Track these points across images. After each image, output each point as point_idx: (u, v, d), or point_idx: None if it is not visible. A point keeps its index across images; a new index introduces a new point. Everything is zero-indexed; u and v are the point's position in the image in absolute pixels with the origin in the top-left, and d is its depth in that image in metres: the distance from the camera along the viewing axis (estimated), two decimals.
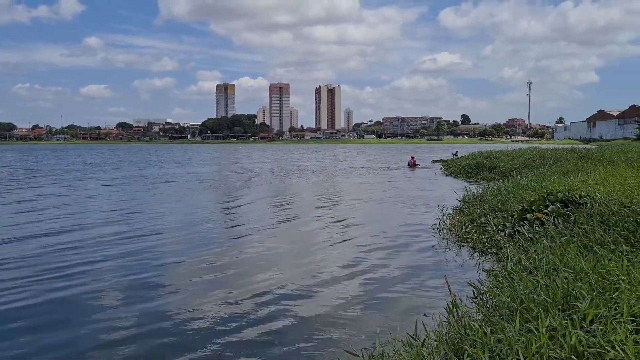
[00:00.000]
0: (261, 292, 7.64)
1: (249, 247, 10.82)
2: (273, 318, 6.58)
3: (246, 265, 9.24)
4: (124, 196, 21.05)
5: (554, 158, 24.59)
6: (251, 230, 12.73)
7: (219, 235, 12.18)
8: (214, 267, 9.12)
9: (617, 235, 7.08)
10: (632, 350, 3.48)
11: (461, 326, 4.70)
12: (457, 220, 12.11)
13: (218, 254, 10.15)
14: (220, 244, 11.03)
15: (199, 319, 6.52)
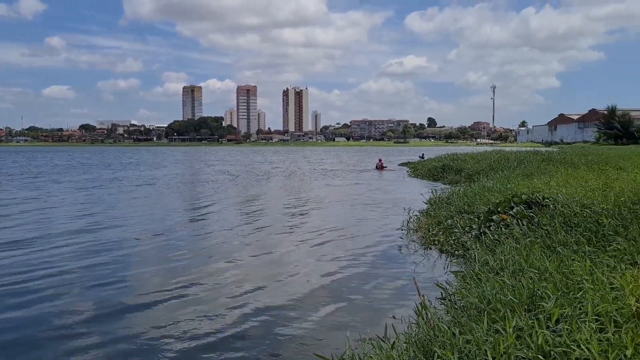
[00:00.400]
0: (228, 296, 7.54)
1: (216, 252, 10.65)
2: (240, 323, 6.49)
3: (213, 271, 9.09)
4: (89, 200, 20.55)
5: (518, 160, 25.10)
6: (219, 235, 12.58)
7: (187, 240, 11.98)
8: (181, 272, 8.94)
9: (579, 236, 7.25)
10: (597, 349, 3.55)
11: (430, 328, 4.73)
12: (425, 222, 12.22)
13: (185, 259, 9.99)
14: (188, 250, 10.82)
15: (165, 325, 6.38)
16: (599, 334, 3.80)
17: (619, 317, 4.04)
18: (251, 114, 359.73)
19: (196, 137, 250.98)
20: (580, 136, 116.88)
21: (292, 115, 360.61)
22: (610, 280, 4.87)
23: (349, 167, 46.11)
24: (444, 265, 8.92)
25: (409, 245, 10.82)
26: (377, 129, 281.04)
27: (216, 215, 16.03)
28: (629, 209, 7.83)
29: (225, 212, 16.62)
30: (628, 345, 3.57)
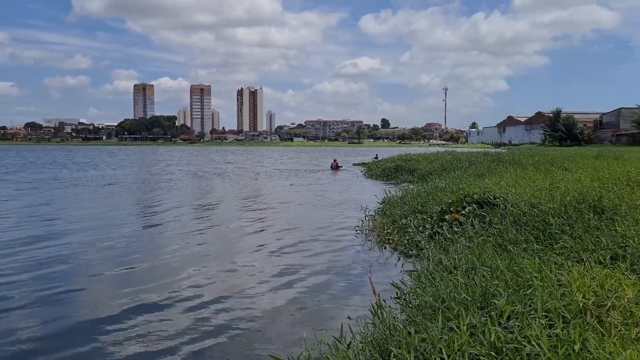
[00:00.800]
0: (182, 299, 7.39)
1: (169, 254, 10.38)
2: (194, 326, 6.37)
3: (166, 274, 8.87)
4: (38, 200, 19.78)
5: (469, 161, 25.68)
6: (172, 237, 12.32)
7: (139, 242, 11.68)
8: (133, 275, 8.72)
9: (528, 235, 7.47)
10: (546, 344, 3.66)
11: (386, 327, 4.76)
12: (379, 221, 12.33)
13: (137, 261, 9.74)
14: (140, 252, 10.55)
15: (118, 330, 6.20)
16: (549, 330, 3.92)
17: (567, 313, 4.18)
18: (205, 113, 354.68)
19: (148, 136, 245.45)
20: (528, 138, 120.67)
21: (247, 115, 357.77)
22: (558, 277, 5.03)
23: (304, 167, 46.11)
24: (399, 264, 9.01)
25: (364, 244, 10.89)
26: (331, 130, 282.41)
27: (172, 217, 15.68)
28: (574, 208, 8.12)
29: (181, 214, 16.30)
30: (576, 340, 3.69)
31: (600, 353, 3.49)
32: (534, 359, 3.60)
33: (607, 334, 3.84)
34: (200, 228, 13.45)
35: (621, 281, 4.65)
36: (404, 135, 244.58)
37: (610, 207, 7.89)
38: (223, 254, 10.50)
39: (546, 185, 11.25)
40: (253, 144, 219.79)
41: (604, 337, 3.80)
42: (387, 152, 67.98)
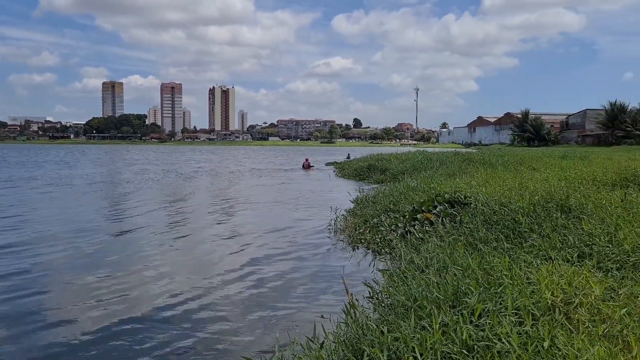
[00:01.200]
0: (151, 301, 7.27)
1: (139, 256, 10.18)
2: (166, 327, 6.28)
3: (136, 276, 8.70)
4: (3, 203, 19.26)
5: (440, 161, 25.95)
6: (143, 238, 12.07)
7: (108, 244, 11.45)
8: (101, 279, 8.51)
9: (498, 233, 7.58)
10: (516, 341, 3.71)
11: (359, 326, 4.77)
12: (351, 221, 12.36)
13: (107, 264, 9.54)
14: (109, 254, 10.30)
15: (85, 333, 6.08)
16: (519, 327, 3.98)
17: (536, 310, 4.25)
18: (176, 112, 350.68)
19: (117, 135, 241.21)
20: (497, 138, 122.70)
21: (219, 114, 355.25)
22: (527, 275, 5.11)
23: (277, 167, 45.98)
24: (371, 263, 9.04)
25: (337, 244, 10.90)
26: (304, 129, 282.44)
27: (142, 218, 15.43)
28: (543, 208, 8.27)
29: (152, 215, 16.06)
30: (545, 337, 3.75)
31: (569, 349, 3.55)
32: (504, 356, 3.65)
33: (575, 330, 3.91)
34: (171, 229, 13.27)
35: (588, 279, 4.74)
36: (375, 135, 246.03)
37: (577, 206, 8.06)
38: (193, 255, 10.38)
39: (515, 184, 11.43)
40: (225, 143, 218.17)
41: (572, 333, 3.87)
42: (359, 151, 68.27)
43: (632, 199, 8.23)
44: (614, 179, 11.35)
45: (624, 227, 6.46)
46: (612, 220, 6.88)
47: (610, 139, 73.62)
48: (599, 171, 13.25)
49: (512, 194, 9.93)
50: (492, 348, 3.75)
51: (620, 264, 5.44)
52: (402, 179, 19.51)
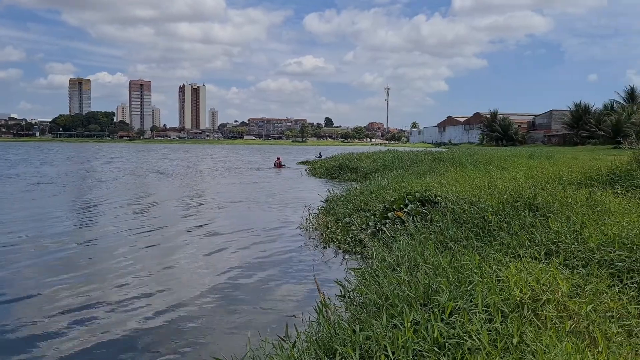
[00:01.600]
0: (121, 302, 7.16)
1: (109, 256, 9.98)
2: (134, 328, 6.18)
3: (105, 275, 8.56)
4: None
5: (411, 160, 26.15)
6: (112, 238, 11.86)
7: (77, 245, 11.17)
8: (70, 280, 8.34)
9: (468, 232, 7.66)
10: (486, 338, 3.76)
11: (331, 325, 4.77)
12: (323, 220, 12.37)
13: (73, 267, 9.33)
14: (78, 255, 10.12)
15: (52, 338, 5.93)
16: (488, 324, 4.03)
17: (505, 307, 4.31)
18: (145, 109, 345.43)
19: (84, 132, 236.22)
20: (467, 137, 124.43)
21: (189, 112, 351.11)
22: (496, 273, 5.18)
23: (248, 166, 45.74)
24: (343, 262, 9.06)
25: (308, 243, 10.89)
26: (275, 128, 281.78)
27: (112, 218, 15.15)
28: (511, 206, 8.40)
29: (121, 215, 15.78)
30: (514, 333, 3.81)
31: (537, 346, 3.61)
32: (474, 353, 3.69)
33: (543, 327, 3.98)
34: (141, 229, 13.04)
35: (555, 276, 4.83)
36: (347, 134, 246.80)
37: (544, 205, 8.21)
38: (164, 254, 10.23)
39: (485, 183, 11.59)
40: (196, 142, 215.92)
41: (540, 330, 3.94)
42: (330, 150, 68.41)
43: (596, 197, 8.43)
44: (579, 178, 11.62)
45: (589, 225, 6.61)
46: (577, 218, 7.04)
47: (575, 139, 75.30)
48: (565, 170, 13.54)
49: (481, 192, 10.07)
50: (463, 345, 3.79)
51: (586, 261, 5.56)
52: (373, 178, 19.60)
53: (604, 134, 64.61)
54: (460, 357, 3.69)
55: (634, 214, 7.02)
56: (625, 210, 7.40)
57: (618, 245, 5.62)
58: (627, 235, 5.86)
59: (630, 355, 3.60)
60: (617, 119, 61.78)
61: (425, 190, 10.82)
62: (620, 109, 66.92)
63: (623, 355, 3.55)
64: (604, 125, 65.53)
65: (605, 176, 11.11)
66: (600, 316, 4.18)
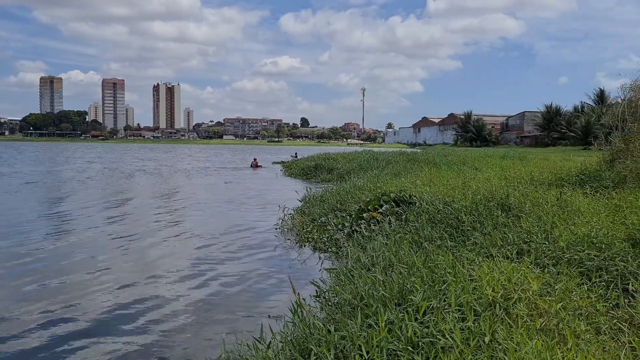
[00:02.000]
0: (93, 304, 7.05)
1: (78, 260, 9.75)
2: (108, 332, 6.09)
3: (78, 279, 8.37)
4: None
5: (386, 161, 26.31)
6: (85, 240, 11.63)
7: (48, 247, 10.94)
8: (41, 283, 8.16)
9: (442, 232, 7.74)
10: (459, 337, 3.81)
11: (306, 326, 4.77)
12: (299, 220, 12.37)
13: (44, 268, 9.15)
14: (49, 258, 9.89)
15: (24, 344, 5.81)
16: (461, 323, 4.08)
17: (478, 306, 4.37)
18: (118, 109, 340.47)
19: (56, 132, 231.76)
20: (441, 138, 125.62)
21: (163, 111, 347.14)
22: (469, 272, 5.25)
23: (224, 166, 45.46)
24: (319, 262, 9.07)
25: (284, 243, 10.88)
26: (251, 128, 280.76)
27: (85, 219, 14.88)
28: (484, 206, 8.51)
29: (95, 216, 15.51)
30: (486, 332, 3.87)
31: (508, 344, 3.67)
32: (448, 351, 3.74)
33: (514, 325, 4.05)
34: (116, 230, 12.85)
35: (526, 275, 4.91)
36: (323, 134, 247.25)
37: (516, 205, 8.35)
38: (137, 257, 10.10)
39: (459, 184, 11.73)
40: (171, 142, 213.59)
41: (512, 328, 4.00)
42: (306, 151, 68.37)
43: (566, 197, 8.60)
44: (550, 178, 11.84)
45: (560, 225, 6.74)
46: (548, 218, 7.16)
47: (546, 140, 76.71)
48: (537, 171, 13.79)
49: (455, 193, 10.18)
50: (436, 344, 3.83)
51: (556, 260, 5.66)
52: (349, 179, 19.66)
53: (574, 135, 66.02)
54: (433, 356, 3.73)
55: (603, 214, 7.18)
56: (594, 211, 7.56)
57: (587, 245, 5.74)
58: (596, 235, 5.99)
59: (598, 352, 3.69)
60: (587, 120, 63.19)
61: (400, 190, 10.90)
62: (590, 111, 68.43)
63: (591, 352, 3.63)
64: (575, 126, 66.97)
65: (575, 177, 11.33)
66: (570, 314, 4.26)
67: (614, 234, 6.00)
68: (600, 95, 75.20)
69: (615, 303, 4.59)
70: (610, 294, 4.72)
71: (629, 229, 6.16)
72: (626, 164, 9.86)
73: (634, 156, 9.80)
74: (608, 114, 13.54)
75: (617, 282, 4.97)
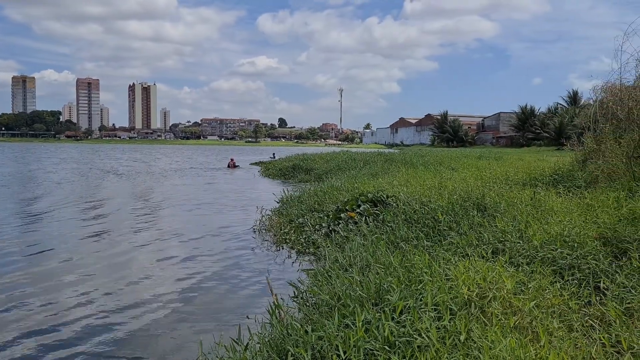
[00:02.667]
0: (70, 308, 6.94)
1: (51, 263, 9.58)
2: (82, 336, 6.00)
3: (53, 283, 8.18)
4: None
5: (364, 161, 26.42)
6: (59, 244, 11.39)
7: (19, 251, 10.76)
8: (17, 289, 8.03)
9: (419, 232, 7.81)
10: (435, 336, 3.85)
11: (283, 327, 4.77)
12: (276, 221, 12.34)
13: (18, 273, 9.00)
14: (22, 262, 9.71)
15: None
16: (437, 322, 4.13)
17: (454, 305, 4.42)
18: (93, 109, 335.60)
19: (29, 132, 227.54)
20: (418, 138, 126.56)
21: (139, 112, 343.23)
22: (445, 271, 5.31)
23: (202, 166, 45.13)
24: (296, 263, 9.07)
25: (262, 244, 10.85)
26: (228, 128, 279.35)
27: (57, 222, 14.63)
28: (460, 206, 8.62)
29: (69, 218, 15.27)
30: (462, 331, 3.91)
31: (483, 342, 3.72)
32: (424, 350, 3.77)
33: (489, 323, 4.10)
34: (89, 233, 12.62)
35: (501, 274, 4.99)
36: (301, 134, 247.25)
37: (492, 205, 8.46)
38: (113, 259, 9.96)
39: (435, 184, 11.84)
40: (147, 142, 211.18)
41: (487, 326, 4.06)
42: (284, 151, 68.26)
43: (540, 197, 8.74)
44: (525, 178, 12.02)
45: (533, 224, 6.84)
46: (522, 217, 7.28)
47: (521, 140, 77.87)
48: (512, 171, 13.99)
49: (432, 193, 10.28)
50: (413, 343, 3.86)
51: (530, 259, 5.75)
52: (327, 179, 19.68)
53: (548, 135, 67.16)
54: (410, 355, 3.76)
55: (575, 213, 7.31)
56: (567, 210, 7.69)
57: (560, 243, 5.84)
58: (569, 234, 6.11)
59: (570, 349, 3.76)
60: (561, 121, 64.28)
61: (378, 191, 10.96)
62: (563, 112, 69.60)
63: (563, 350, 3.70)
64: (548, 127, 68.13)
65: (549, 177, 11.52)
66: (543, 312, 4.34)
67: (586, 232, 6.11)
68: (574, 96, 76.58)
69: (587, 301, 4.68)
70: (582, 291, 4.81)
71: (600, 227, 6.29)
72: (598, 164, 10.06)
73: (605, 156, 10.00)
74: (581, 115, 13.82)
75: (589, 280, 5.07)
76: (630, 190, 8.07)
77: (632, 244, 5.55)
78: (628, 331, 3.92)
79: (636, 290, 4.58)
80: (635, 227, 6.00)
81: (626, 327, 4.00)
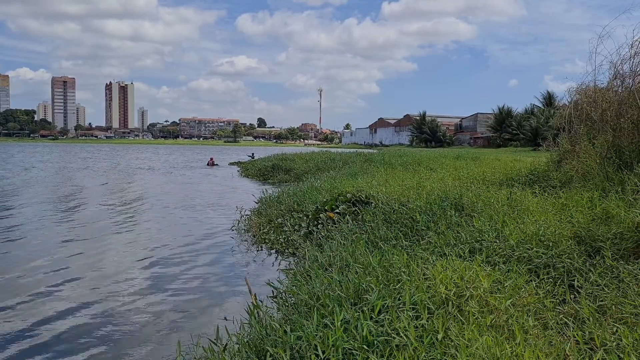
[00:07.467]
0: (47, 310, 6.84)
1: (32, 265, 9.42)
2: (61, 339, 5.91)
3: (29, 286, 8.05)
4: None
5: (343, 161, 26.47)
6: (35, 245, 11.20)
7: None
8: None
9: (398, 231, 7.85)
10: (413, 334, 3.88)
11: (262, 327, 4.76)
12: (256, 221, 12.30)
13: None
14: None
15: None
16: (415, 321, 4.16)
17: (432, 304, 4.46)
18: (69, 108, 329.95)
19: (2, 131, 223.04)
20: (397, 139, 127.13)
21: (116, 111, 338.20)
22: (423, 271, 5.35)
23: (181, 165, 44.76)
24: (276, 263, 9.06)
25: (241, 245, 10.81)
26: (207, 128, 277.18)
27: (33, 222, 14.37)
28: (439, 206, 8.68)
29: (45, 219, 15.02)
30: (439, 329, 3.95)
31: (460, 340, 3.76)
32: (402, 349, 3.80)
33: (466, 322, 4.15)
34: (66, 234, 12.40)
35: (478, 273, 5.04)
36: (280, 134, 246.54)
37: (469, 205, 8.54)
38: (90, 260, 9.83)
39: (414, 184, 11.91)
40: (124, 142, 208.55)
41: (464, 325, 4.10)
42: (263, 151, 68.04)
43: (516, 197, 8.84)
44: (501, 178, 12.16)
45: (510, 224, 6.93)
46: (499, 217, 7.35)
47: (498, 141, 78.73)
48: (489, 171, 14.14)
49: (410, 193, 10.34)
50: (391, 342, 3.89)
51: (506, 258, 5.82)
52: (306, 179, 19.66)
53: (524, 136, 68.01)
54: (388, 354, 3.78)
55: (550, 213, 7.42)
56: (542, 210, 7.80)
57: (535, 243, 5.92)
58: (544, 233, 6.19)
59: (545, 346, 3.82)
60: (536, 122, 65.16)
61: (357, 191, 10.99)
62: (539, 113, 70.52)
63: (538, 347, 3.76)
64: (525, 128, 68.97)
65: (525, 177, 11.67)
66: (519, 310, 4.40)
67: (561, 232, 6.21)
68: (549, 97, 77.64)
69: (562, 299, 4.75)
70: (557, 290, 4.89)
71: (574, 227, 6.39)
72: (572, 164, 10.22)
73: (580, 157, 10.16)
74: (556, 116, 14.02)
75: (563, 279, 5.15)
76: (604, 190, 8.20)
77: (606, 242, 5.64)
78: (601, 328, 3.99)
79: (609, 288, 4.67)
80: (608, 226, 6.11)
81: (599, 325, 4.07)
